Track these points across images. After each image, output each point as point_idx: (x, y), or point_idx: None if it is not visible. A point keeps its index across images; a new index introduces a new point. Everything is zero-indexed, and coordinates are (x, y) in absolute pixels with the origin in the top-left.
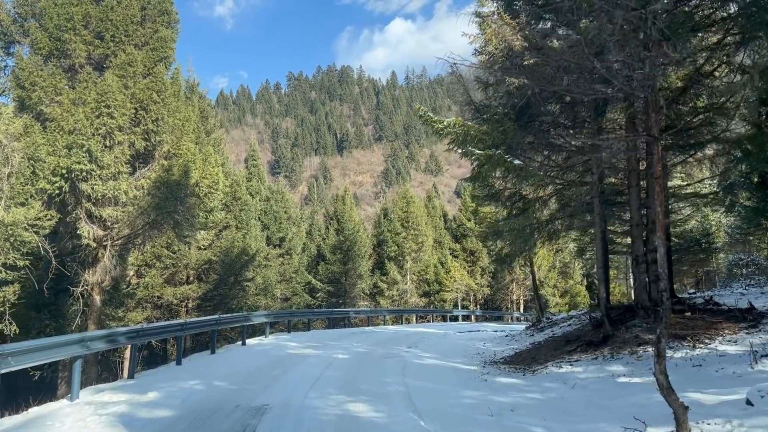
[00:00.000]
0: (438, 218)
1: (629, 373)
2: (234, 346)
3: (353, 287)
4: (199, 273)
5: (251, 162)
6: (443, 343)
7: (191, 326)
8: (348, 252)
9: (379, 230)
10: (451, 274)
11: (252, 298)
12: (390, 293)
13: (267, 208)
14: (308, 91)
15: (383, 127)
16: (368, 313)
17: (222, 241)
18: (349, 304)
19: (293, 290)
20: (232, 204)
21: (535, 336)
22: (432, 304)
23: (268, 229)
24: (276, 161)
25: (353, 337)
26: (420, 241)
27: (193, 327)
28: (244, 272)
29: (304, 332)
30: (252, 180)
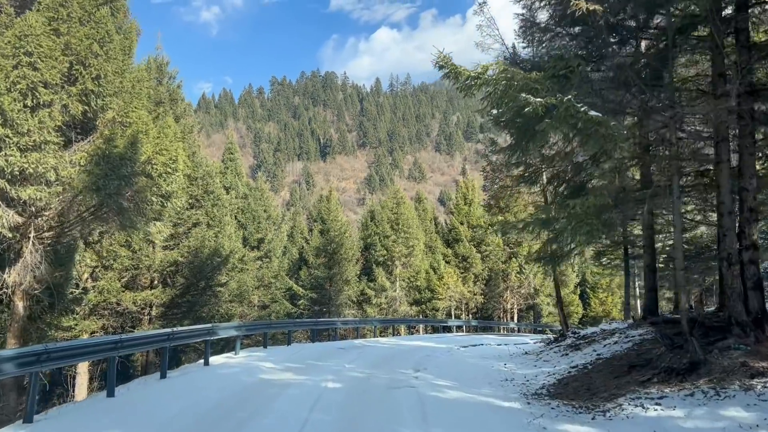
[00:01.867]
0: (429, 221)
1: (763, 423)
2: (194, 367)
3: (339, 294)
4: (165, 276)
5: (228, 155)
6: (454, 364)
7: (130, 344)
8: (333, 255)
9: (367, 233)
10: (444, 281)
11: (225, 306)
12: (378, 301)
13: (244, 206)
14: (291, 96)
15: (367, 133)
16: (357, 323)
17: (191, 239)
18: (335, 312)
19: (272, 297)
20: (204, 198)
21: (570, 356)
22: (423, 314)
23: (246, 230)
24: (258, 166)
25: (344, 355)
26: (411, 244)
27: (134, 345)
28: (216, 276)
29: (284, 347)
30: (228, 175)
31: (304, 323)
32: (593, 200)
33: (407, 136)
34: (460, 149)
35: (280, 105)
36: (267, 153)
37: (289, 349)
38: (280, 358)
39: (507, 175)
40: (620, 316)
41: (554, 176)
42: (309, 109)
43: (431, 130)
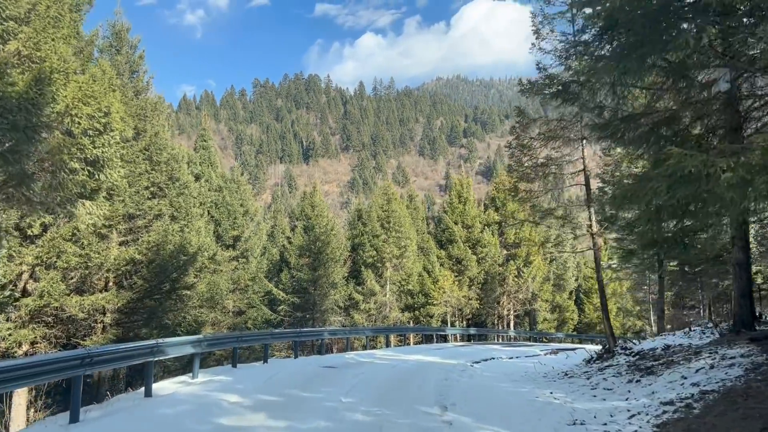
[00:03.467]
0: (421, 221)
1: None
2: (130, 400)
3: (324, 298)
4: (121, 277)
5: (201, 143)
6: (485, 393)
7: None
8: (318, 255)
9: (354, 232)
10: (439, 284)
11: (194, 312)
12: (366, 306)
13: (219, 199)
14: (274, 98)
15: (350, 136)
16: (347, 333)
17: (151, 234)
18: (319, 319)
19: (249, 302)
20: (168, 186)
21: (643, 382)
22: (416, 320)
23: (220, 226)
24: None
25: (336, 378)
26: (403, 245)
27: (20, 377)
28: (182, 277)
29: (259, 365)
30: (201, 165)
31: (284, 335)
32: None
33: (391, 139)
34: (444, 154)
35: (262, 107)
36: (249, 155)
37: (265, 370)
38: (250, 386)
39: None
40: (616, 322)
41: (668, 120)
42: (292, 112)
43: (415, 134)
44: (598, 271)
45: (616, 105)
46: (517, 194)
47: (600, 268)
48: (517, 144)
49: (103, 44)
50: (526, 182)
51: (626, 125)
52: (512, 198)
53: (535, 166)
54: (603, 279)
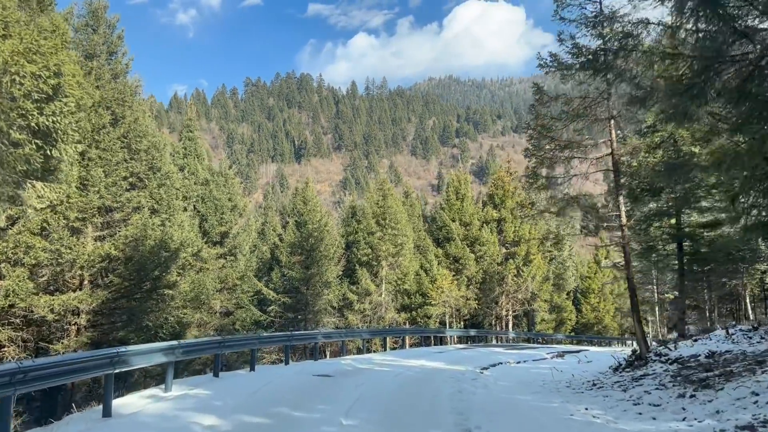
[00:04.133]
0: (417, 218)
1: None
2: (84, 419)
3: (317, 298)
4: (96, 275)
5: (186, 134)
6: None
7: None
8: (311, 252)
9: (349, 229)
10: (437, 283)
11: (177, 313)
12: (361, 307)
13: (205, 193)
14: (266, 97)
15: (342, 136)
16: (343, 336)
17: (129, 228)
18: (312, 320)
19: (237, 302)
20: (148, 176)
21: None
22: (413, 321)
23: (206, 222)
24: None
25: (333, 390)
26: (399, 242)
27: None
28: (164, 275)
29: (245, 374)
30: (187, 157)
31: (273, 338)
32: None
33: (383, 139)
34: (436, 154)
35: (254, 106)
36: (240, 154)
37: (251, 380)
38: (232, 403)
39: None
40: (613, 323)
41: None
42: (284, 111)
43: (407, 134)
44: (628, 268)
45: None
46: (535, 181)
47: (630, 264)
48: (536, 125)
49: (79, 24)
50: (546, 167)
51: (707, 76)
52: (530, 186)
53: (557, 149)
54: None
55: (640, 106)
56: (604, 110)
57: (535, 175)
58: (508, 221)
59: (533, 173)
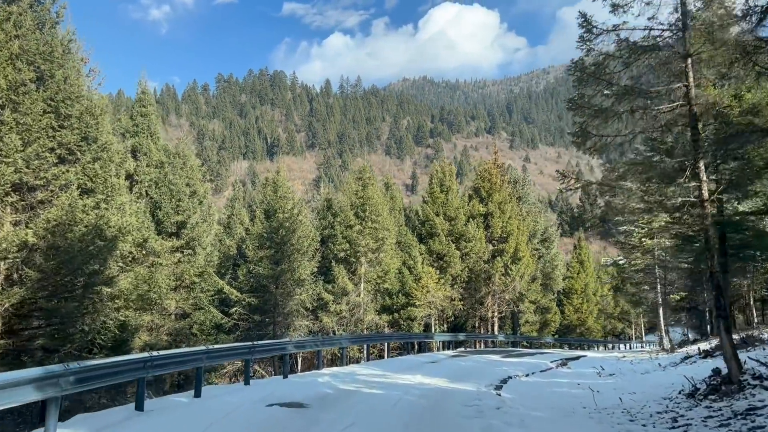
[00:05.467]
0: (398, 212)
1: None
2: None
3: (288, 298)
4: (11, 268)
5: (138, 109)
6: None
7: None
8: (282, 246)
9: (324, 223)
10: (422, 282)
11: (118, 315)
12: (337, 308)
13: (159, 177)
14: (238, 93)
15: (316, 134)
16: (319, 345)
17: (53, 210)
18: (282, 323)
19: (195, 302)
20: (80, 148)
21: None
22: (395, 324)
23: (160, 209)
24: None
25: None
26: (380, 237)
27: None
28: (104, 270)
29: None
30: (139, 135)
31: (227, 352)
32: None
33: (357, 138)
34: (411, 153)
35: (225, 102)
36: (211, 151)
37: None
38: None
39: None
40: (597, 325)
41: None
42: (256, 108)
43: (381, 134)
44: (711, 259)
45: None
46: (585, 140)
47: (715, 256)
48: (584, 65)
49: None
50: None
51: None
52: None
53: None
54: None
55: None
56: (674, 49)
57: (585, 133)
58: (496, 216)
59: (582, 131)
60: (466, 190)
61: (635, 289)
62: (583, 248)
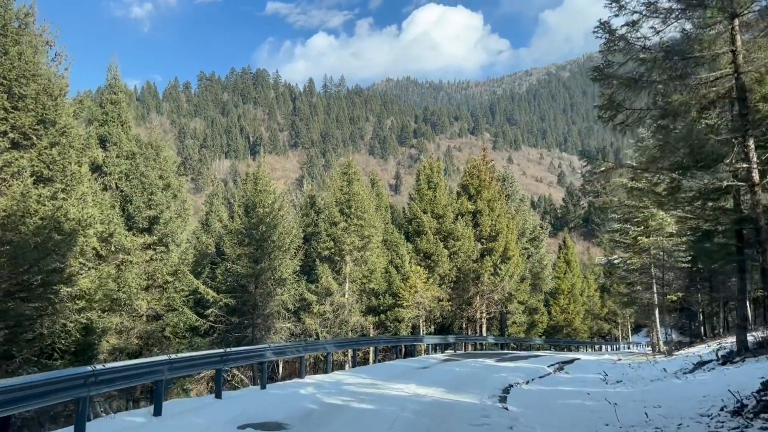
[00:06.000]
0: (384, 209)
1: None
2: None
3: (269, 299)
4: None
5: (108, 96)
6: None
7: None
8: (262, 243)
9: (307, 221)
10: (410, 282)
11: (80, 317)
12: (321, 309)
13: (130, 169)
14: (220, 92)
15: (299, 133)
16: (302, 350)
17: (4, 200)
18: (262, 326)
19: (169, 303)
20: (37, 131)
21: None
22: (382, 326)
23: (131, 203)
24: (182, 162)
25: None
26: (366, 234)
27: None
28: (65, 268)
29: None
30: (109, 124)
31: (194, 361)
32: None
33: (341, 138)
34: (394, 153)
35: (207, 101)
36: (192, 149)
37: None
38: None
39: None
40: (583, 326)
41: None
42: (238, 106)
43: (365, 133)
44: (764, 254)
45: None
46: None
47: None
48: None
49: None
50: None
51: None
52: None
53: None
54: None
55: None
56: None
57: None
58: (485, 214)
59: (610, 103)
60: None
61: (628, 290)
62: (569, 248)
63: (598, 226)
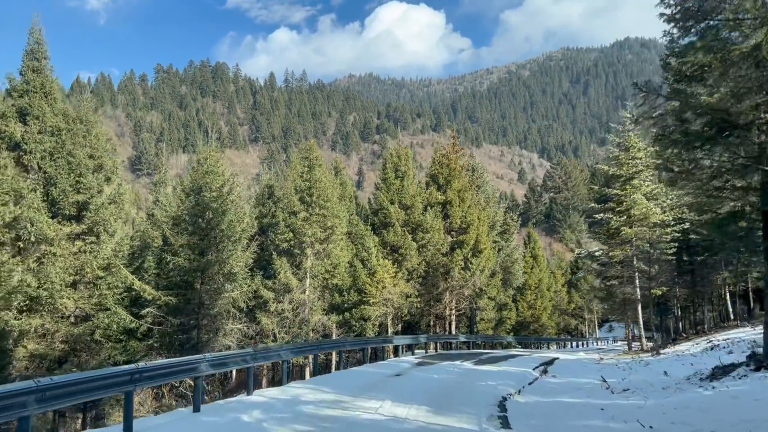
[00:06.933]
0: (349, 200)
1: None
2: None
3: (217, 296)
4: None
5: (29, 63)
6: None
7: None
8: (208, 232)
9: (264, 211)
10: (378, 277)
11: None
12: (278, 307)
13: (56, 147)
14: (178, 85)
15: (260, 128)
16: (250, 360)
17: None
18: (209, 327)
19: (100, 302)
20: None
21: None
22: (347, 325)
23: (55, 187)
24: (137, 157)
25: None
26: (329, 225)
27: None
28: None
29: None
30: (29, 95)
31: (80, 386)
32: None
33: (302, 133)
34: (357, 149)
35: (165, 94)
36: (148, 143)
37: None
38: None
39: None
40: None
41: None
42: (197, 100)
43: (327, 129)
44: None
45: None
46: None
47: None
48: None
49: None
50: None
51: None
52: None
53: None
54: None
55: None
56: None
57: None
58: (455, 204)
59: None
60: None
61: (603, 284)
62: (535, 242)
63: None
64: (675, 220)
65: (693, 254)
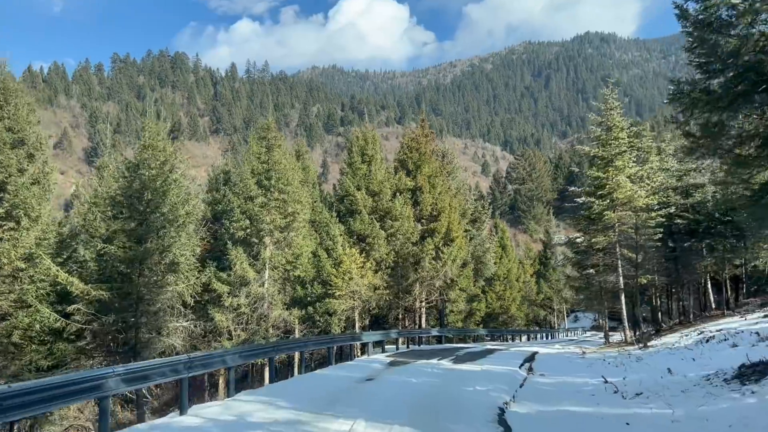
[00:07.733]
0: (312, 186)
1: None
2: None
3: (158, 291)
4: None
5: None
6: None
7: None
8: (148, 216)
9: (217, 196)
10: (344, 267)
11: None
12: (233, 302)
13: None
14: (136, 75)
15: (221, 119)
16: (182, 369)
17: None
18: (150, 325)
19: (20, 298)
20: None
21: None
22: (310, 321)
23: None
24: (93, 149)
25: None
26: (290, 211)
27: None
28: None
29: None
30: None
31: None
32: None
33: None
34: (321, 141)
35: (122, 84)
36: (104, 134)
37: None
38: None
39: None
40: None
41: None
42: (155, 90)
43: (290, 121)
44: None
45: None
46: None
47: None
48: None
49: None
50: None
51: None
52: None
53: None
54: None
55: None
56: None
57: None
58: (426, 191)
59: None
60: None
61: (579, 273)
62: (504, 232)
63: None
64: (659, 204)
65: (677, 240)
